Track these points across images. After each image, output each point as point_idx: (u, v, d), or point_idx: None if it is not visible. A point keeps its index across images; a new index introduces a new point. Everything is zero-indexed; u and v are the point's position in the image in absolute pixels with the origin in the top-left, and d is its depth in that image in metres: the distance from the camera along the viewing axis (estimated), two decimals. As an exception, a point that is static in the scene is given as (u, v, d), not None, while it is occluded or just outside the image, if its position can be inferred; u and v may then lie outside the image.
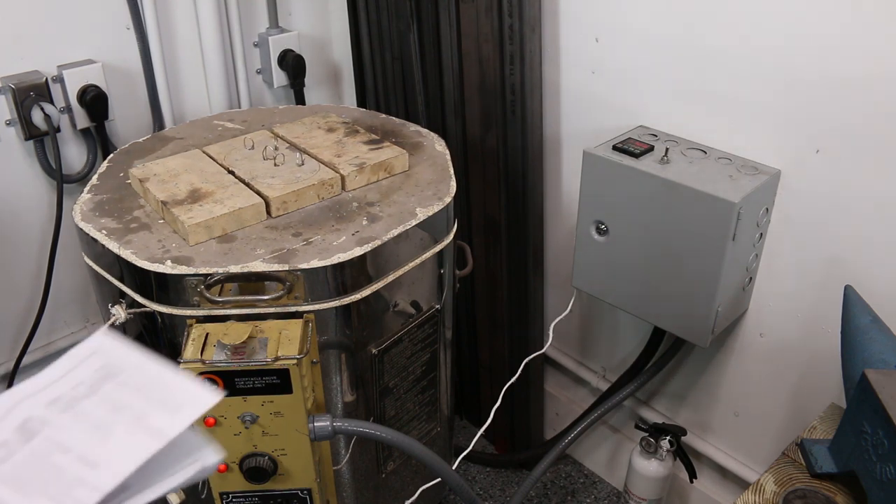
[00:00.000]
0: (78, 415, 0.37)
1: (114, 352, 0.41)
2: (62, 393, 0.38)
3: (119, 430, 0.37)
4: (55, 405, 0.38)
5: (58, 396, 0.38)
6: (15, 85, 1.39)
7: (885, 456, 0.81)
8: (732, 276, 1.17)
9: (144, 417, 0.37)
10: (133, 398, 0.38)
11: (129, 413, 0.37)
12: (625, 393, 1.45)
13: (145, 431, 0.37)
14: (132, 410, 0.38)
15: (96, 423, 0.37)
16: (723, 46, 1.16)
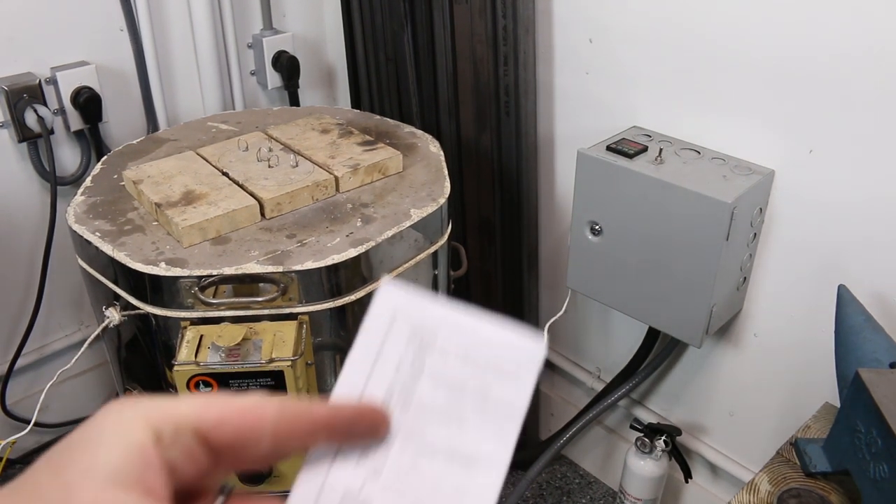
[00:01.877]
0: (420, 407, 0.33)
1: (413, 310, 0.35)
2: (390, 382, 0.34)
3: (470, 414, 0.33)
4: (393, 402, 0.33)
5: (388, 388, 0.34)
6: (8, 87, 1.39)
7: (879, 455, 0.81)
8: (726, 276, 1.17)
9: (487, 391, 0.33)
10: (464, 370, 0.34)
11: (469, 391, 0.33)
12: (620, 393, 1.45)
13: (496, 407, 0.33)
14: (471, 386, 0.33)
15: (443, 413, 0.33)
16: (716, 47, 1.16)
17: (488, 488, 0.32)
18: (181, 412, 0.30)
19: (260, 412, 0.30)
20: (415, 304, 0.35)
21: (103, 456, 0.28)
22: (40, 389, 1.16)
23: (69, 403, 1.71)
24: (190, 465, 0.30)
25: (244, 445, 0.30)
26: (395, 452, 0.33)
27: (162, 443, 0.29)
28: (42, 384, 1.16)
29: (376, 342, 0.35)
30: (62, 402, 1.69)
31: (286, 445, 0.31)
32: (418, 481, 0.32)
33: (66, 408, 1.70)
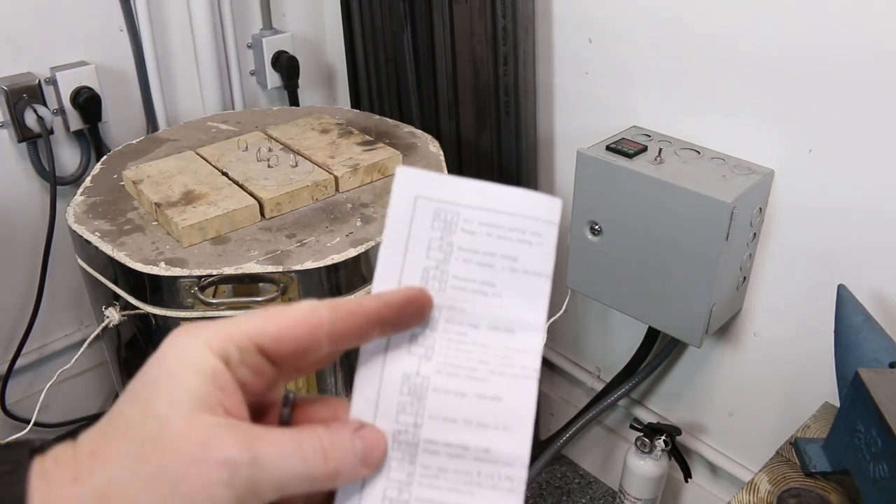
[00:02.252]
0: (455, 286, 0.35)
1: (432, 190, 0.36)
2: (423, 265, 0.35)
3: (502, 285, 0.34)
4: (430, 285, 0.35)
5: (423, 271, 0.35)
6: (8, 87, 1.39)
7: (879, 454, 0.81)
8: (726, 275, 1.17)
9: (515, 261, 0.35)
10: (489, 244, 0.35)
11: (499, 264, 0.35)
12: (619, 393, 1.45)
13: (525, 275, 0.35)
14: (499, 259, 0.35)
15: (478, 287, 0.35)
16: (716, 47, 1.16)
17: (532, 348, 0.34)
18: (242, 333, 0.31)
19: (315, 320, 0.32)
20: (432, 183, 0.36)
21: (183, 386, 0.29)
22: (40, 389, 1.16)
23: (69, 403, 1.71)
24: (258, 380, 0.32)
25: (304, 353, 0.32)
26: (440, 331, 0.35)
27: (231, 364, 0.31)
28: (42, 384, 1.16)
29: (404, 229, 0.36)
30: (62, 402, 1.69)
31: (342, 344, 0.33)
32: (467, 354, 0.34)
33: (65, 408, 1.71)
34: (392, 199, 0.36)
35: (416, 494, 0.33)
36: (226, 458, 0.28)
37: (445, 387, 0.34)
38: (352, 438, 0.32)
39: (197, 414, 0.29)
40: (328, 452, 0.30)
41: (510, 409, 0.33)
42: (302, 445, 0.30)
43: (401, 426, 0.34)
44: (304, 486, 0.30)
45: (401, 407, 0.34)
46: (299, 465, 0.29)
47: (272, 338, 0.31)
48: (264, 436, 0.30)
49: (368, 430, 0.33)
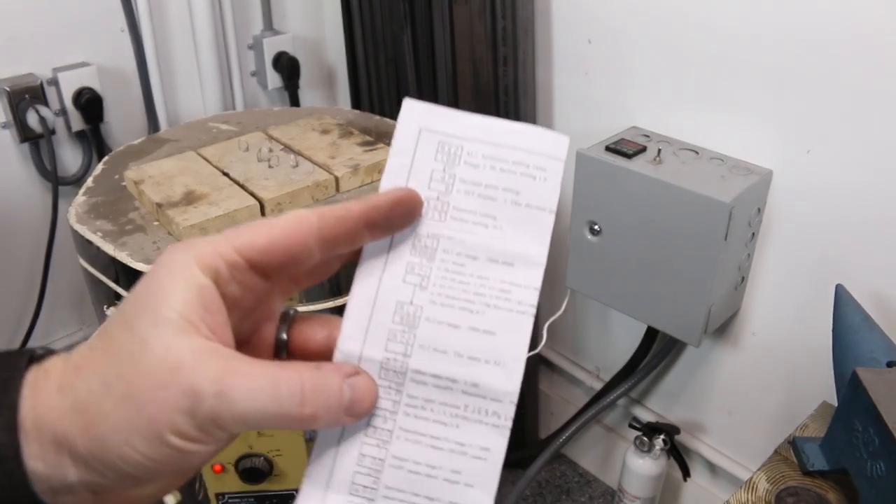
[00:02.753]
0: (456, 217, 0.34)
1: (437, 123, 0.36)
2: (424, 195, 0.34)
3: (504, 219, 0.34)
4: (430, 215, 0.34)
5: (425, 201, 0.34)
6: (10, 87, 1.39)
7: (876, 453, 0.82)
8: (725, 275, 1.17)
9: (518, 194, 0.34)
10: (493, 177, 0.34)
11: (501, 197, 0.34)
12: (619, 392, 1.45)
13: (528, 209, 0.34)
14: (502, 192, 0.34)
15: (479, 219, 0.34)
16: (715, 48, 1.16)
17: (531, 282, 0.33)
18: (232, 248, 0.31)
19: (304, 228, 0.32)
20: (438, 116, 0.36)
21: (167, 305, 0.29)
22: (42, 389, 1.16)
23: (70, 403, 1.71)
24: (250, 295, 0.32)
25: (296, 263, 0.32)
26: (438, 261, 0.34)
27: (221, 281, 0.31)
28: (44, 383, 1.17)
29: (406, 160, 0.35)
30: (63, 402, 1.70)
31: (334, 250, 0.33)
32: (463, 285, 0.33)
33: (67, 407, 1.71)
34: (397, 131, 0.36)
35: (400, 424, 0.32)
36: (192, 387, 0.28)
37: (438, 317, 0.33)
38: (341, 386, 0.31)
39: (177, 337, 0.29)
40: (307, 397, 0.30)
41: (503, 344, 0.33)
42: (278, 386, 0.29)
43: (390, 354, 0.33)
44: (275, 424, 0.30)
45: (391, 335, 0.33)
46: (270, 405, 0.29)
47: (262, 250, 0.31)
48: (239, 369, 0.29)
49: (361, 379, 0.32)
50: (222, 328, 0.31)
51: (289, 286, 0.35)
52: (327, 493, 0.32)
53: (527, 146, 0.35)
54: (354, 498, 0.32)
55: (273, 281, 0.33)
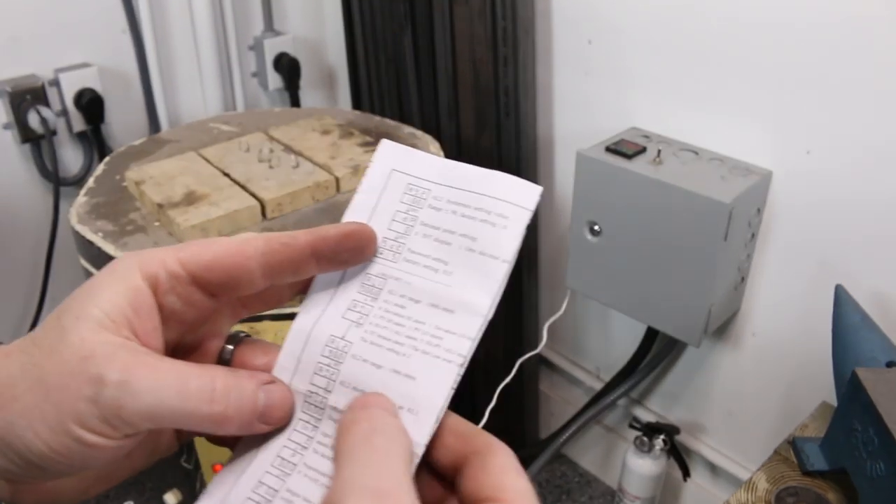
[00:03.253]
0: (409, 259, 0.34)
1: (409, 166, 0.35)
2: (383, 235, 0.34)
3: (456, 265, 0.33)
4: (384, 255, 0.34)
5: (381, 240, 0.34)
6: (11, 88, 1.39)
7: (875, 453, 0.82)
8: (724, 276, 1.17)
9: (474, 241, 0.33)
10: (453, 222, 0.34)
11: (456, 242, 0.33)
12: (619, 392, 1.46)
13: (481, 257, 0.33)
14: (458, 237, 0.33)
15: (430, 264, 0.33)
16: (715, 48, 1.17)
17: (466, 331, 0.32)
18: (175, 259, 0.31)
19: (249, 250, 0.32)
20: (413, 160, 0.36)
21: (95, 303, 0.30)
22: (43, 389, 1.16)
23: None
24: (191, 310, 0.32)
25: (237, 283, 0.32)
26: (381, 301, 0.34)
27: (159, 290, 0.31)
28: (45, 384, 1.17)
29: (372, 199, 0.36)
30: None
31: (278, 277, 0.33)
32: (398, 326, 0.33)
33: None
34: (369, 169, 0.36)
35: (306, 460, 0.32)
36: (97, 374, 0.28)
37: (364, 355, 0.33)
38: (255, 390, 0.31)
39: (97, 331, 0.29)
40: (217, 395, 0.29)
41: (422, 391, 0.31)
42: (186, 381, 0.29)
43: (313, 388, 0.33)
44: (184, 422, 0.29)
45: (318, 368, 0.33)
46: (176, 400, 0.29)
47: (205, 266, 0.31)
48: (148, 362, 0.29)
49: (277, 388, 0.32)
50: (150, 333, 0.31)
51: (237, 309, 0.35)
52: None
53: (495, 193, 0.34)
54: None
55: (220, 301, 0.33)
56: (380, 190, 0.36)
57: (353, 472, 0.27)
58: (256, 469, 0.32)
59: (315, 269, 0.33)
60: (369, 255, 0.34)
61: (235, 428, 0.31)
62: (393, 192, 0.35)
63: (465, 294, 0.33)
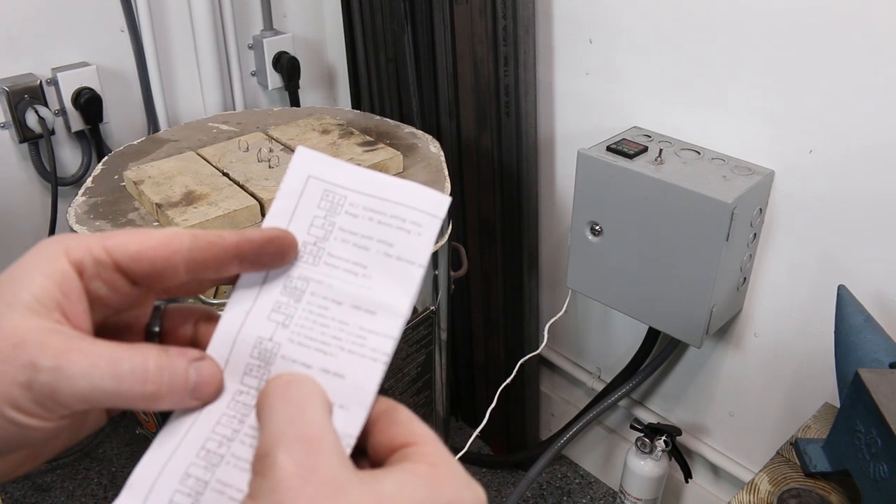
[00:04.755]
0: (329, 263, 0.35)
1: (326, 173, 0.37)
2: (303, 240, 0.36)
3: (374, 269, 0.35)
4: (305, 258, 0.36)
5: (301, 245, 0.36)
6: (9, 87, 1.39)
7: (879, 455, 0.81)
8: (726, 276, 1.17)
9: (390, 246, 0.35)
10: (369, 228, 0.36)
11: (374, 247, 0.35)
12: (620, 393, 1.45)
13: (399, 262, 0.35)
14: (376, 243, 0.35)
15: (349, 268, 0.35)
16: (716, 47, 1.16)
17: (389, 331, 0.34)
18: (101, 247, 0.32)
19: (174, 244, 0.32)
20: (328, 166, 0.38)
21: (25, 288, 0.30)
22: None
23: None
24: (116, 297, 0.33)
25: (161, 276, 0.33)
26: (304, 303, 0.35)
27: (84, 275, 0.32)
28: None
29: (290, 204, 0.37)
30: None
31: (202, 273, 0.34)
32: (323, 328, 0.34)
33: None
34: (286, 175, 0.38)
35: (233, 451, 0.32)
36: (30, 361, 0.28)
37: (293, 356, 0.34)
38: (187, 368, 0.32)
39: (27, 317, 0.29)
40: (150, 375, 0.30)
41: (350, 388, 0.33)
42: (119, 363, 0.30)
43: (243, 387, 0.34)
44: (117, 402, 0.30)
45: (248, 369, 0.34)
46: (109, 382, 0.29)
47: (130, 256, 0.32)
48: (81, 346, 0.29)
49: (206, 364, 0.33)
50: (80, 316, 0.31)
51: (160, 294, 0.36)
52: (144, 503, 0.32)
53: (408, 202, 0.36)
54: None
55: (142, 288, 0.34)
56: (298, 195, 0.37)
57: (276, 425, 0.29)
58: (181, 461, 0.33)
59: (237, 268, 0.35)
60: (289, 260, 0.36)
61: (168, 405, 0.31)
62: (310, 197, 0.37)
63: (385, 296, 0.35)
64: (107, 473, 1.79)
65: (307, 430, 0.29)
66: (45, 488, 1.75)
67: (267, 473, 0.27)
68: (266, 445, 0.28)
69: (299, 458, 0.27)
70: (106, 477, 1.79)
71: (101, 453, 1.85)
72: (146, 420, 1.25)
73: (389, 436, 0.32)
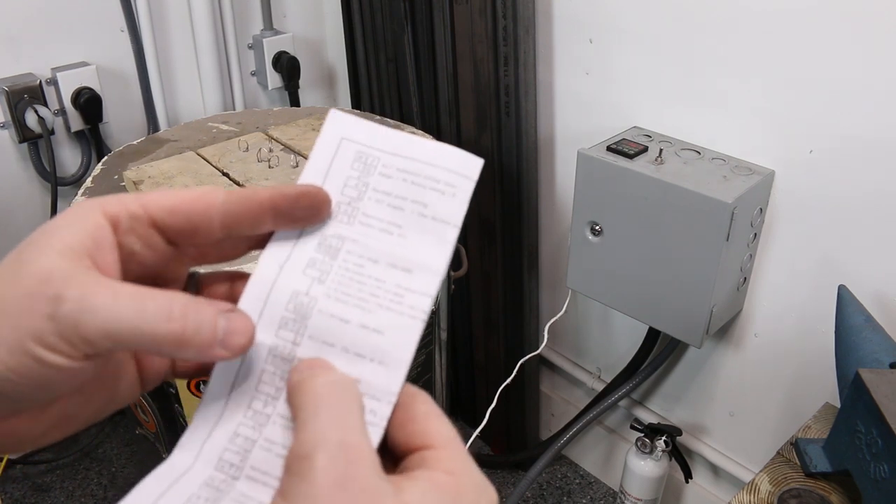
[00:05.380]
0: (364, 222, 0.35)
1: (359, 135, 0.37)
2: (337, 199, 0.36)
3: (409, 228, 0.35)
4: (339, 217, 0.36)
5: (335, 204, 0.36)
6: (9, 87, 1.39)
7: (879, 455, 0.81)
8: (727, 276, 1.17)
9: (425, 207, 0.35)
10: (403, 188, 0.36)
11: (409, 208, 0.35)
12: (620, 393, 1.45)
13: (433, 221, 0.35)
14: (410, 203, 0.35)
15: (384, 228, 0.35)
16: (716, 47, 1.16)
17: (426, 289, 0.34)
18: (137, 202, 0.32)
19: (209, 198, 0.33)
20: (361, 128, 0.37)
21: (57, 237, 0.30)
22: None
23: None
24: (151, 253, 0.33)
25: (196, 230, 0.33)
26: (339, 260, 0.35)
27: (119, 228, 0.32)
28: (43, 384, 1.16)
29: (324, 165, 0.37)
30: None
31: (237, 228, 0.34)
32: (360, 285, 0.34)
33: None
34: (319, 137, 0.37)
35: (279, 410, 0.33)
36: (56, 293, 0.28)
37: (331, 311, 0.34)
38: (215, 315, 0.31)
39: (56, 259, 0.29)
40: (174, 314, 0.30)
41: (390, 345, 0.33)
42: (144, 300, 0.29)
43: (280, 340, 0.34)
44: (142, 342, 0.29)
45: (283, 322, 0.34)
46: (133, 317, 0.29)
47: (166, 210, 0.32)
48: (107, 283, 0.29)
49: (238, 315, 0.32)
50: (110, 266, 0.31)
51: (195, 258, 0.36)
52: (195, 463, 0.32)
53: (441, 163, 0.36)
54: (219, 473, 0.32)
55: (179, 248, 0.34)
56: (331, 157, 0.37)
57: (318, 428, 0.29)
58: (229, 422, 0.33)
59: (271, 224, 0.34)
60: (323, 216, 0.35)
61: (195, 351, 0.31)
62: (343, 159, 0.37)
63: (421, 255, 0.34)
64: (107, 473, 1.79)
65: (348, 438, 0.29)
66: (45, 488, 1.75)
67: (305, 476, 0.27)
68: (305, 446, 0.28)
69: (339, 466, 0.27)
70: (106, 477, 1.78)
71: (101, 453, 1.85)
72: (146, 420, 1.24)
73: (408, 433, 0.32)
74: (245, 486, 0.32)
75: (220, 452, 0.32)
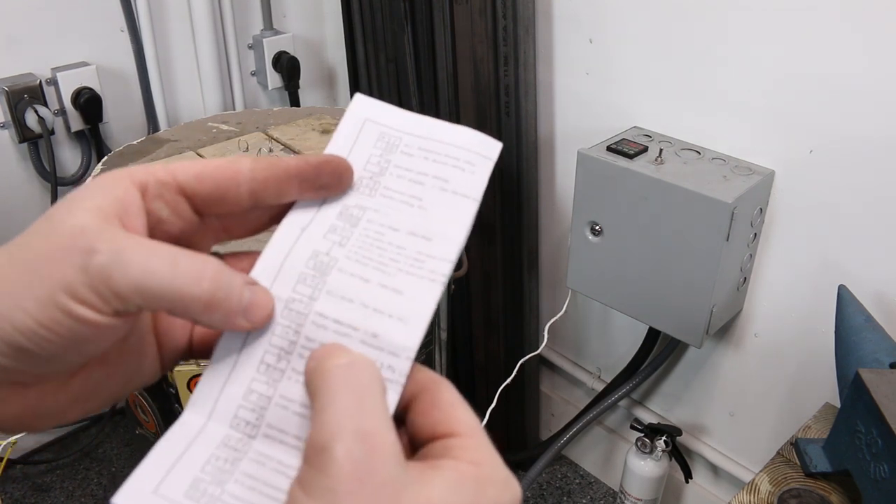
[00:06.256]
0: (385, 195, 0.36)
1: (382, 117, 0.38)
2: (359, 175, 0.37)
3: (430, 201, 0.36)
4: (360, 189, 0.36)
5: (357, 179, 0.37)
6: (9, 87, 1.39)
7: (879, 455, 0.81)
8: (727, 276, 1.17)
9: (446, 182, 0.36)
10: (424, 165, 0.37)
11: (430, 183, 0.36)
12: (620, 393, 1.45)
13: (453, 195, 0.36)
14: (431, 179, 0.36)
15: (405, 200, 0.36)
16: (717, 48, 1.16)
17: (445, 255, 0.34)
18: (165, 169, 0.33)
19: (237, 165, 0.33)
20: (384, 111, 0.39)
21: (88, 199, 0.30)
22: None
23: (70, 404, 1.71)
24: (177, 220, 0.33)
25: (224, 196, 0.33)
26: (360, 228, 0.35)
27: (147, 194, 0.32)
28: (43, 384, 1.16)
29: (347, 143, 0.38)
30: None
31: (263, 195, 0.34)
32: (380, 250, 0.35)
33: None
34: (343, 118, 0.38)
35: (293, 365, 0.32)
36: (88, 246, 0.28)
37: (351, 270, 0.34)
38: (242, 285, 0.31)
39: (88, 217, 0.29)
40: (207, 275, 0.30)
41: (409, 302, 0.33)
42: (177, 259, 0.29)
43: (296, 295, 0.34)
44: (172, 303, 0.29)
45: (302, 277, 0.34)
46: (165, 271, 0.29)
47: (193, 176, 0.33)
48: (139, 239, 0.30)
49: (260, 289, 0.33)
50: (139, 230, 0.31)
51: (220, 231, 0.36)
52: (209, 422, 0.32)
53: (462, 144, 0.37)
54: (234, 432, 0.32)
55: (204, 219, 0.35)
56: (355, 136, 0.38)
57: (335, 416, 0.28)
58: (242, 377, 0.33)
59: (297, 192, 0.35)
60: (346, 185, 0.36)
61: (221, 316, 0.31)
62: (367, 138, 0.38)
63: (441, 225, 0.35)
64: (107, 473, 1.79)
65: (367, 425, 0.28)
66: (45, 488, 1.75)
67: (324, 469, 0.27)
68: (323, 437, 0.27)
69: (358, 458, 0.27)
70: (106, 477, 1.78)
71: (101, 453, 1.85)
72: (146, 420, 1.24)
73: (431, 420, 0.31)
74: (263, 446, 0.31)
75: (235, 410, 0.32)
